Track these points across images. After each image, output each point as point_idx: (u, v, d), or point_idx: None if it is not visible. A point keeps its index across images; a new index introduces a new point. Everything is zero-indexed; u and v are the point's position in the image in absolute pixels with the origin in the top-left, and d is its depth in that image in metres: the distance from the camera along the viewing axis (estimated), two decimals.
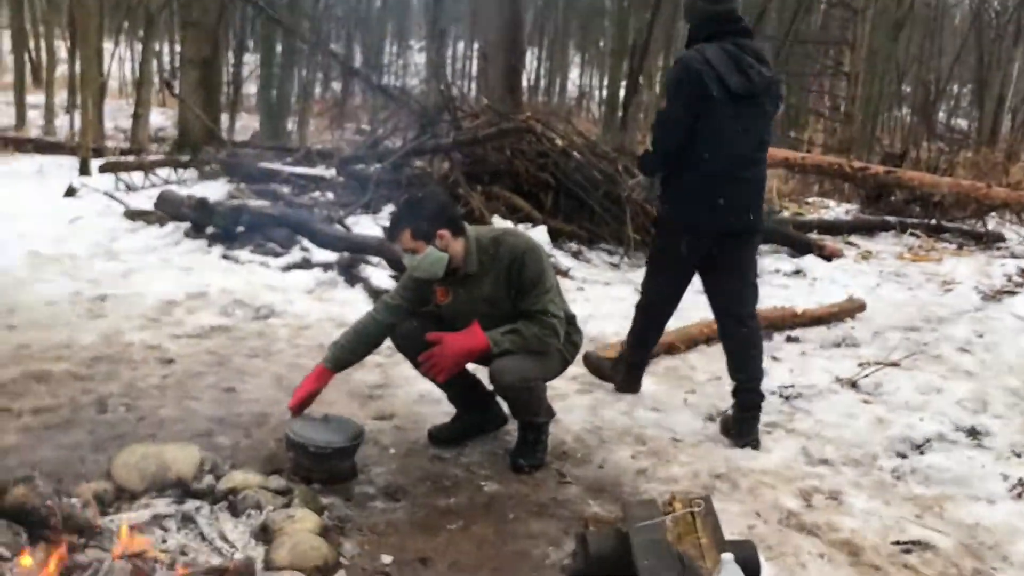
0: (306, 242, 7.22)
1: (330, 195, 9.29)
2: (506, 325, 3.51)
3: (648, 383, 4.84)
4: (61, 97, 20.89)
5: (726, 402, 4.60)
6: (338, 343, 3.70)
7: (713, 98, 3.91)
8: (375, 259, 6.84)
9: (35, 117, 22.16)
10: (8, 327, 5.15)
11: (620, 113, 16.23)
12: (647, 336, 4.68)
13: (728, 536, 3.13)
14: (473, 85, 23.23)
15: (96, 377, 4.43)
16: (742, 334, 4.23)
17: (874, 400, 4.80)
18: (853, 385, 4.98)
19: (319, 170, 10.41)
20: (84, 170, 12.72)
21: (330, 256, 6.95)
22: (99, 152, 14.26)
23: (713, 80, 3.90)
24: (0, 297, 5.79)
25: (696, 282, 4.47)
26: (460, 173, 8.39)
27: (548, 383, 3.82)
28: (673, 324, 5.85)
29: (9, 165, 13.63)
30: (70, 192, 10.55)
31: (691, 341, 5.57)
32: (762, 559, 2.92)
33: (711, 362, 5.30)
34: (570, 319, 3.75)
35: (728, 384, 4.28)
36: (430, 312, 3.71)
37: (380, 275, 6.52)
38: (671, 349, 5.40)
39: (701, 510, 2.93)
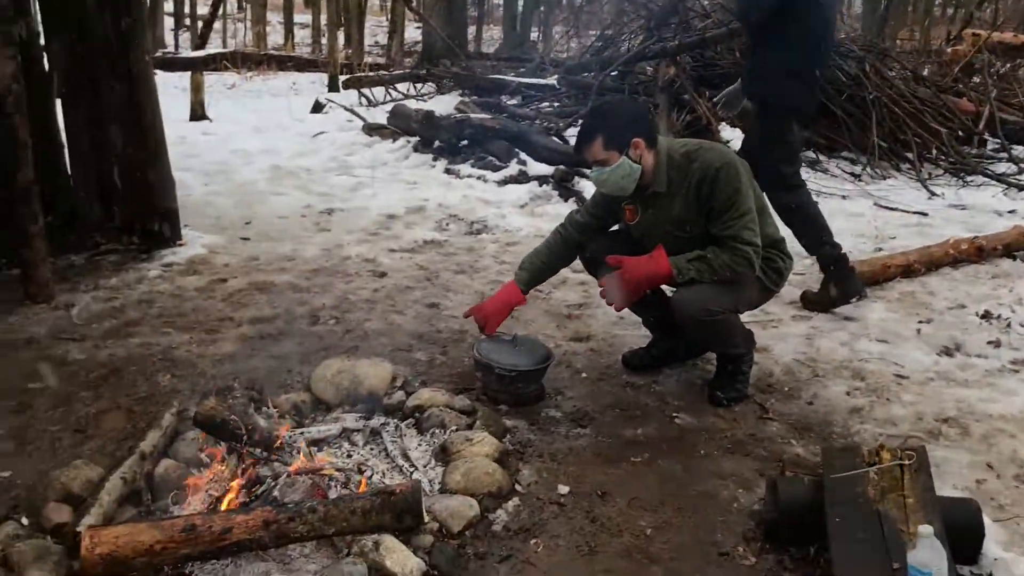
0: (524, 155, 7.16)
1: (555, 105, 9.15)
2: (695, 251, 3.20)
3: (877, 310, 4.37)
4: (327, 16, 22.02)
5: (968, 334, 4.09)
6: (529, 261, 3.57)
7: None
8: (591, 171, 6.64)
9: (304, 36, 23.70)
10: (243, 239, 5.52)
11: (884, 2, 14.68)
12: (818, 225, 4.42)
13: (950, 491, 2.76)
14: None
15: (312, 289, 4.64)
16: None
17: None
18: None
19: (548, 80, 10.28)
20: (332, 87, 13.42)
21: (546, 169, 6.86)
22: (350, 68, 14.98)
23: None
24: (241, 209, 6.24)
25: None
26: (687, 78, 7.93)
27: (754, 309, 3.52)
28: (919, 243, 5.27)
29: (267, 82, 14.66)
30: (316, 108, 11.18)
31: (934, 262, 4.94)
32: (988, 520, 2.52)
33: (956, 287, 4.69)
34: (776, 243, 3.38)
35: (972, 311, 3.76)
36: (621, 231, 3.49)
37: (594, 188, 6.32)
38: (908, 271, 4.82)
39: (912, 463, 2.56)
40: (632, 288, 3.24)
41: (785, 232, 3.66)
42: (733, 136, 7.32)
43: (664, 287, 3.49)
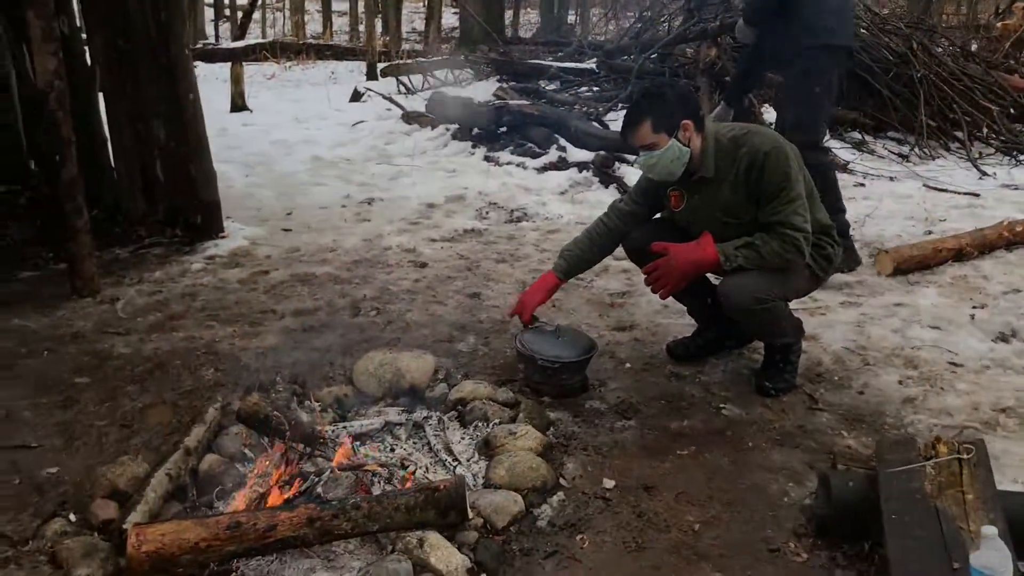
0: (563, 141, 7.09)
1: (594, 90, 9.05)
2: (742, 238, 3.11)
3: (929, 295, 4.25)
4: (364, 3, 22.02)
5: None
6: (569, 250, 3.51)
7: None
8: (632, 157, 6.56)
9: (342, 24, 23.75)
10: (284, 231, 5.53)
11: None
12: (837, 191, 4.65)
13: (1010, 485, 2.67)
14: None
15: (353, 280, 4.64)
16: None
17: None
18: None
19: (587, 64, 10.18)
20: (371, 75, 13.42)
21: (586, 155, 6.78)
22: (387, 56, 14.97)
23: None
24: (283, 201, 6.26)
25: None
26: (728, 59, 7.78)
27: (803, 297, 3.43)
28: (970, 225, 5.13)
29: (306, 72, 14.71)
30: (355, 97, 11.18)
31: (987, 245, 4.79)
32: None
33: (1011, 271, 4.55)
34: (825, 229, 3.28)
35: None
36: (664, 219, 3.42)
37: (635, 174, 6.24)
38: (960, 254, 4.68)
39: (971, 457, 2.48)
40: (678, 275, 3.16)
41: None
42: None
43: (710, 275, 3.41)
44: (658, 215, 3.47)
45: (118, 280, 4.63)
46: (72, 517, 2.58)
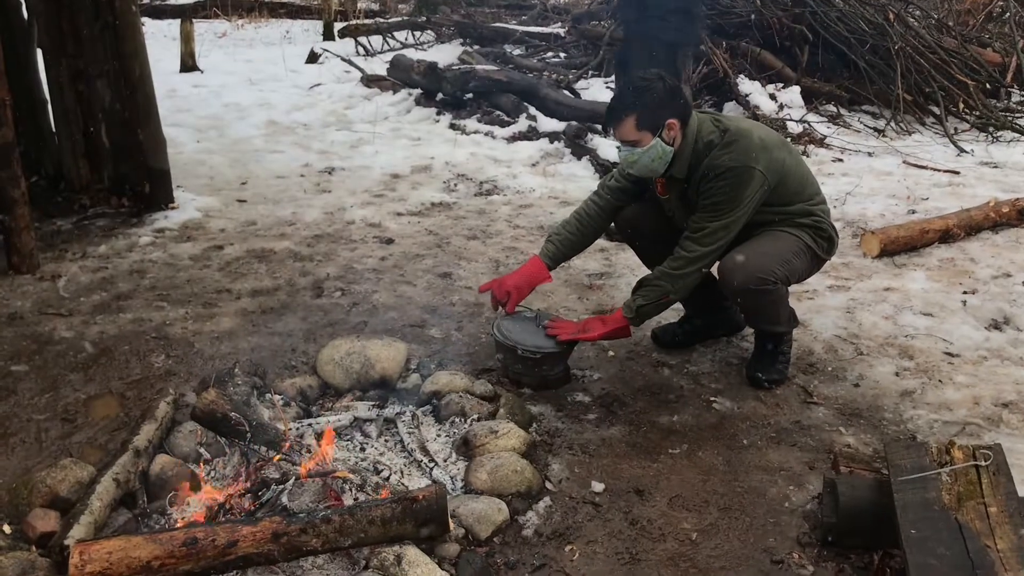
0: (533, 109, 6.82)
1: (562, 56, 8.78)
2: (639, 280, 3.11)
3: (918, 279, 4.11)
4: None
5: (1017, 305, 3.84)
6: (558, 233, 3.29)
7: None
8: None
9: None
10: (239, 201, 5.22)
11: None
12: None
13: (1019, 487, 2.51)
14: None
15: (315, 257, 4.36)
16: None
17: None
18: None
19: (553, 28, 9.89)
20: (327, 35, 12.96)
21: (557, 125, 6.53)
22: (344, 15, 14.49)
23: None
24: (237, 169, 5.93)
25: None
26: (702, 27, 7.55)
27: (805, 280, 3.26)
28: (953, 204, 5.00)
29: (259, 30, 14.18)
30: (312, 58, 10.76)
31: (973, 226, 4.66)
32: None
33: (998, 254, 4.42)
34: (823, 211, 3.11)
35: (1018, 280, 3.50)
36: (656, 198, 3.21)
37: (608, 146, 6.01)
38: (947, 235, 4.54)
39: (990, 464, 2.32)
40: (582, 328, 3.13)
41: None
42: (752, 89, 6.99)
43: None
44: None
45: (60, 255, 4.30)
46: (6, 528, 2.31)
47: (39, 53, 4.97)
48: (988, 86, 7.71)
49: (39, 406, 2.96)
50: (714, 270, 3.10)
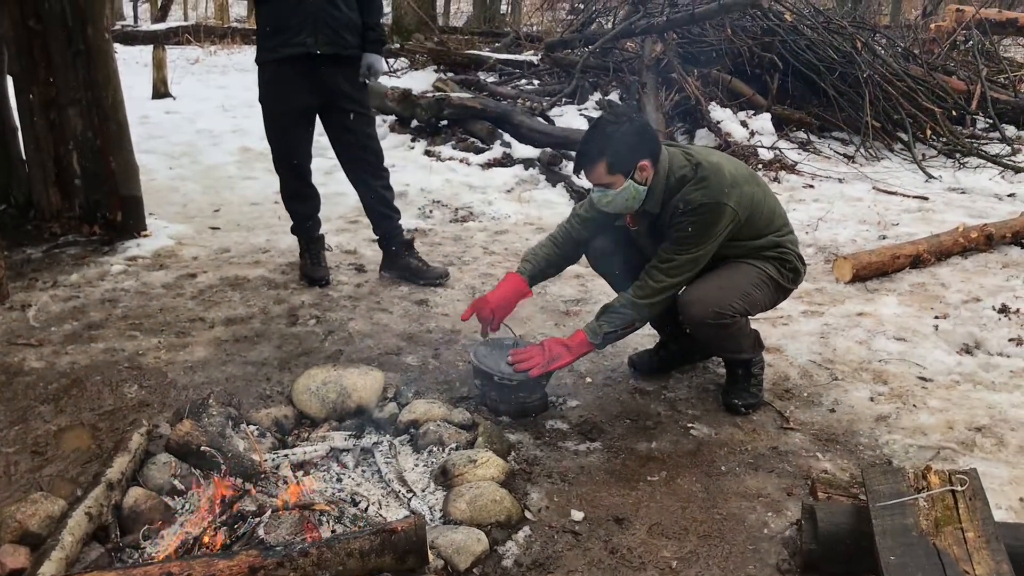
0: (507, 136, 6.85)
1: (535, 83, 8.83)
2: (603, 307, 3.12)
3: (890, 304, 4.16)
4: None
5: (987, 330, 3.89)
6: (535, 253, 3.30)
7: None
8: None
9: None
10: (212, 229, 5.18)
11: None
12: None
13: (996, 512, 2.54)
14: None
15: (289, 285, 4.33)
16: None
17: None
18: None
19: (526, 56, 9.95)
20: None
21: (532, 152, 6.56)
22: None
23: None
24: (210, 196, 5.89)
25: None
26: (674, 55, 7.65)
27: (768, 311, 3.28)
28: (923, 229, 5.07)
29: (232, 57, 14.14)
30: None
31: (943, 252, 4.73)
32: None
33: (968, 279, 4.49)
34: (790, 243, 3.15)
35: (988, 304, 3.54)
36: (625, 228, 3.23)
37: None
38: (918, 261, 4.61)
39: (966, 489, 2.34)
40: (549, 357, 3.09)
41: None
42: (724, 117, 7.07)
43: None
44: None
45: (30, 284, 4.23)
46: None
47: (9, 80, 4.93)
48: (954, 113, 7.86)
49: (8, 439, 2.90)
50: None
